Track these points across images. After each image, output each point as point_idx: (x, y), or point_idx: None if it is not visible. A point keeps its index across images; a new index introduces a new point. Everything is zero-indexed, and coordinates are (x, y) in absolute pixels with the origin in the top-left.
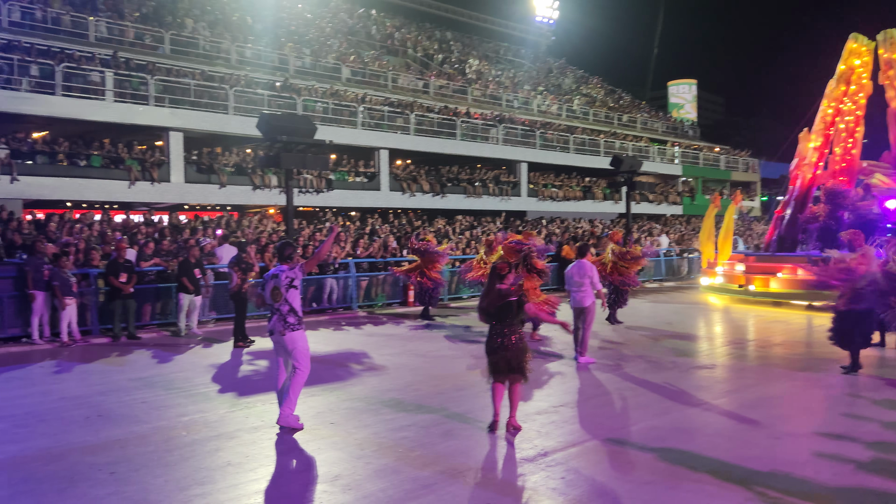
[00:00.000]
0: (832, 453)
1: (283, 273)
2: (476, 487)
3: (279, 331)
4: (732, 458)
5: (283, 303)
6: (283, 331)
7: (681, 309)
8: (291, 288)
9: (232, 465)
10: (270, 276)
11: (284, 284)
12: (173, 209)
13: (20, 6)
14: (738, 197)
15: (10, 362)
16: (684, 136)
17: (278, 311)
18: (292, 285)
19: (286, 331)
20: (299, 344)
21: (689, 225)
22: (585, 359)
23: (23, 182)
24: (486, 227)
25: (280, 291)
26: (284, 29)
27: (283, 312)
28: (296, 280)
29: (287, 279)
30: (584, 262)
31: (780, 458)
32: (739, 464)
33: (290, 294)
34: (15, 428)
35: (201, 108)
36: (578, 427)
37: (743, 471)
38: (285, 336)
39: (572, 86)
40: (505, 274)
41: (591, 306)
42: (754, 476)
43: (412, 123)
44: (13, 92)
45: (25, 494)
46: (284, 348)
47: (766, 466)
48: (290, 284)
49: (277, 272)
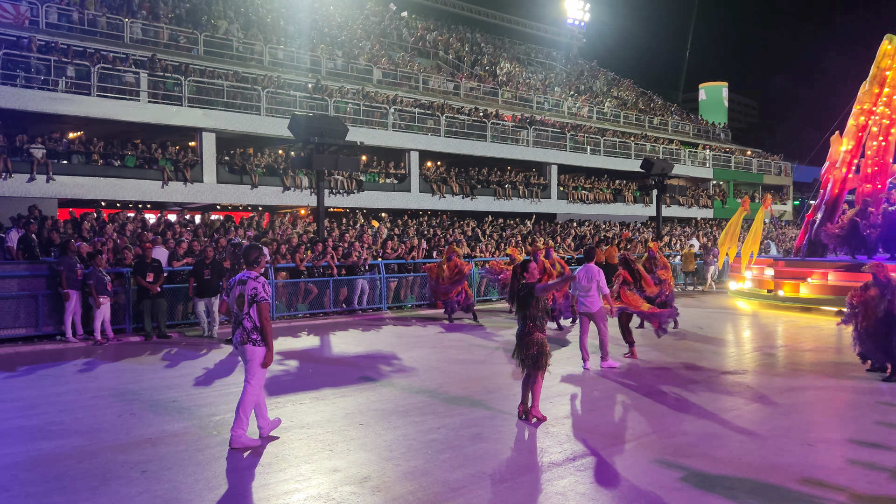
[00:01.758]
0: (867, 461)
1: (250, 282)
2: (506, 491)
3: (240, 341)
4: (765, 464)
5: (246, 317)
6: (243, 342)
7: (710, 313)
8: (254, 303)
9: (262, 465)
10: (237, 281)
11: (249, 296)
12: (206, 209)
13: (57, 8)
14: (767, 200)
15: (44, 360)
16: (716, 139)
17: (241, 326)
18: (255, 300)
19: (247, 343)
20: (258, 356)
21: (720, 228)
22: (608, 363)
23: (58, 181)
24: (516, 228)
25: (244, 301)
26: (317, 31)
27: (247, 328)
28: (259, 294)
29: (252, 291)
30: (592, 266)
31: (814, 465)
32: (772, 471)
33: (253, 309)
34: (49, 425)
35: (234, 109)
36: (608, 431)
37: (776, 477)
38: (246, 346)
39: (603, 88)
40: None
41: (600, 311)
42: (788, 483)
43: (443, 125)
44: (50, 92)
45: (58, 492)
46: (244, 357)
47: (799, 474)
48: (253, 299)
49: (245, 278)
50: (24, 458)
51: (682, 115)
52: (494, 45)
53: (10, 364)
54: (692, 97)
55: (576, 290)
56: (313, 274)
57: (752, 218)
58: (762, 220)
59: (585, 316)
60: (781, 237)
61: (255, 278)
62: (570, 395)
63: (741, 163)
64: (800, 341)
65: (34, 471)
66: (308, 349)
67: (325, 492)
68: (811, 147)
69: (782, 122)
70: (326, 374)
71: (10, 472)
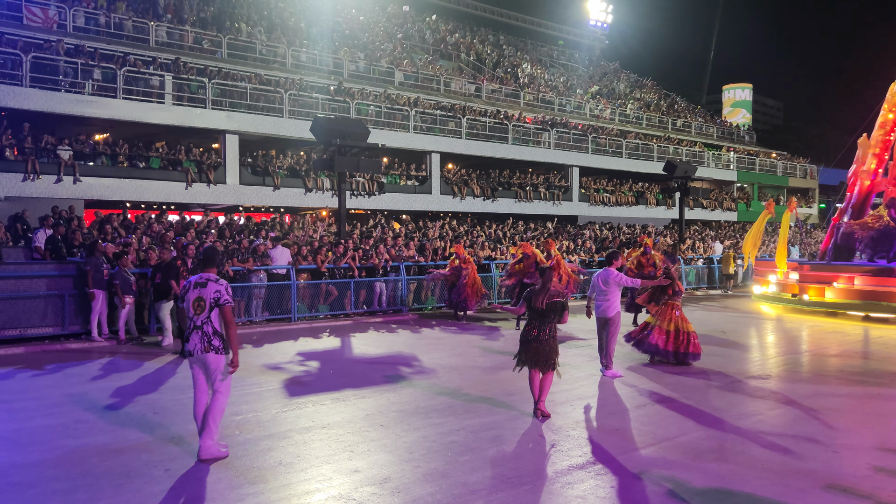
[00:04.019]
0: (893, 469)
1: (210, 284)
2: (525, 494)
3: (201, 349)
4: (789, 470)
5: (206, 321)
6: (205, 350)
7: (733, 317)
8: (217, 307)
9: (283, 464)
10: (194, 283)
11: (210, 300)
12: (229, 210)
13: (85, 12)
14: (792, 203)
15: (70, 359)
16: (740, 141)
17: (200, 330)
18: (218, 304)
19: (210, 351)
20: (223, 364)
21: (744, 231)
22: (612, 372)
23: (85, 183)
24: (538, 231)
25: (204, 305)
26: (339, 33)
27: (207, 333)
28: (223, 297)
29: (214, 294)
30: (611, 270)
31: (839, 472)
32: (796, 477)
33: (214, 314)
34: (75, 423)
35: (257, 112)
36: (629, 435)
37: (800, 483)
38: (208, 355)
39: (626, 90)
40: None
41: (616, 317)
42: (812, 490)
43: (464, 127)
44: (77, 95)
45: (83, 489)
46: (206, 367)
47: (823, 480)
48: (216, 302)
49: (203, 280)
50: (49, 456)
51: (705, 117)
52: (516, 47)
53: (38, 363)
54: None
55: (591, 292)
56: (334, 275)
57: (777, 221)
58: (788, 223)
59: (601, 321)
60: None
61: (215, 280)
62: (590, 399)
63: (766, 165)
64: (825, 346)
65: (59, 468)
66: (329, 350)
67: (345, 492)
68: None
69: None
70: (347, 376)
71: (37, 469)
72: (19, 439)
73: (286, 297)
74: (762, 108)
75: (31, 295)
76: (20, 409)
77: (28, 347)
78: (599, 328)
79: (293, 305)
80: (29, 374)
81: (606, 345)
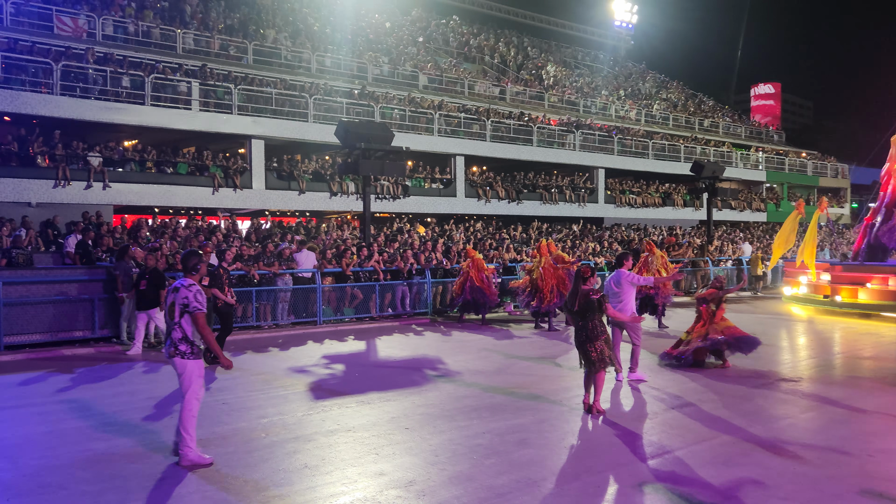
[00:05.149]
0: None
1: (182, 290)
2: (552, 498)
3: (168, 354)
4: (822, 474)
5: (176, 327)
6: (171, 355)
7: (763, 319)
8: (186, 313)
9: (309, 467)
10: (172, 288)
11: (180, 305)
12: (254, 215)
13: (113, 20)
14: (823, 203)
15: (100, 362)
16: (769, 140)
17: (170, 335)
18: (187, 310)
19: (175, 356)
20: (190, 369)
21: (774, 232)
22: (636, 375)
23: (114, 189)
24: (563, 233)
25: (174, 310)
26: (363, 38)
27: (175, 339)
28: (191, 304)
29: (182, 300)
30: (623, 271)
31: (874, 476)
32: (830, 481)
33: (184, 320)
34: (104, 426)
35: (282, 117)
36: (657, 439)
37: (835, 488)
38: (174, 360)
39: (652, 90)
40: (588, 277)
41: (632, 319)
42: (846, 494)
43: (488, 130)
44: (106, 102)
45: (112, 490)
46: (175, 371)
47: (858, 485)
48: (184, 308)
49: (178, 286)
50: (79, 458)
51: (733, 117)
52: (540, 49)
53: (68, 366)
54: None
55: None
56: (359, 279)
57: (808, 221)
58: (817, 223)
59: (616, 325)
60: (838, 241)
61: (187, 286)
62: (616, 401)
63: (795, 165)
64: (858, 348)
65: (89, 470)
66: (354, 353)
67: (370, 495)
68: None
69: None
70: (372, 378)
71: (67, 471)
72: (49, 441)
73: (311, 301)
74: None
75: (62, 299)
76: (50, 412)
77: (59, 351)
78: (615, 333)
79: (318, 309)
80: (60, 377)
81: (632, 348)
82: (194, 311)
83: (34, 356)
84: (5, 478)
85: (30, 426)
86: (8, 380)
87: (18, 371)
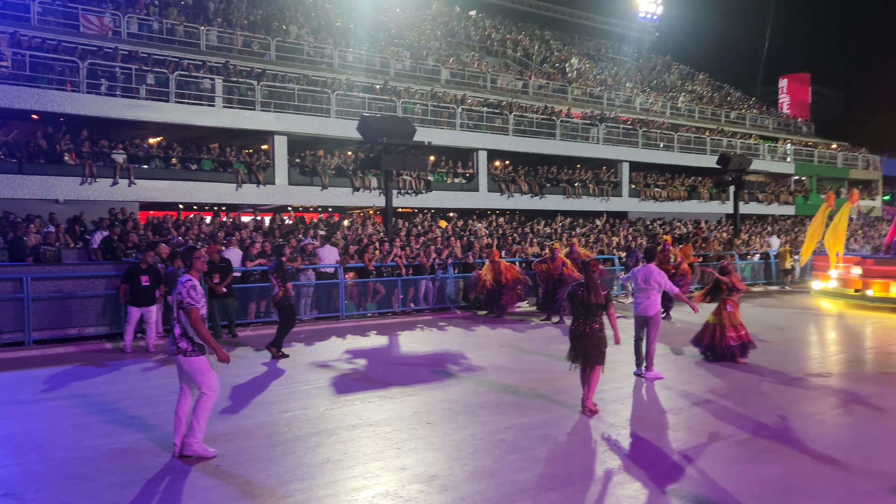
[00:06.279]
0: None
1: (179, 286)
2: (575, 493)
3: (171, 351)
4: (852, 473)
5: (176, 323)
6: (174, 352)
7: (791, 314)
8: (181, 309)
9: (331, 461)
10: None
11: (176, 301)
12: (277, 210)
13: (138, 18)
14: (854, 196)
15: (126, 356)
16: (797, 132)
17: (171, 331)
18: (182, 305)
19: (178, 354)
20: (196, 366)
21: (802, 226)
22: (653, 374)
23: (139, 185)
24: (586, 227)
25: (174, 305)
26: (385, 33)
27: (175, 335)
28: (185, 299)
29: (177, 296)
30: (652, 268)
31: None
32: (860, 478)
33: (182, 316)
34: (129, 419)
35: (304, 112)
36: (683, 435)
37: (865, 486)
38: (178, 357)
39: (677, 83)
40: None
41: (657, 316)
42: (878, 492)
43: (511, 124)
44: (131, 100)
45: (138, 482)
46: (180, 369)
47: (889, 483)
48: (179, 304)
49: (178, 282)
50: (106, 451)
51: (760, 109)
52: (563, 42)
53: (97, 360)
54: (772, 90)
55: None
56: (381, 273)
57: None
58: (847, 216)
59: (640, 320)
60: (869, 234)
61: (184, 282)
62: (640, 397)
63: (825, 157)
64: (890, 343)
65: (116, 462)
66: (376, 348)
67: (392, 490)
68: None
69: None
70: (394, 373)
71: (94, 463)
72: (77, 434)
73: (334, 296)
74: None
75: (90, 294)
76: (79, 405)
77: (87, 346)
78: (638, 327)
79: (341, 304)
80: (88, 371)
81: (647, 345)
82: (187, 306)
83: (62, 350)
84: (34, 469)
85: (58, 419)
86: (37, 374)
87: (48, 365)
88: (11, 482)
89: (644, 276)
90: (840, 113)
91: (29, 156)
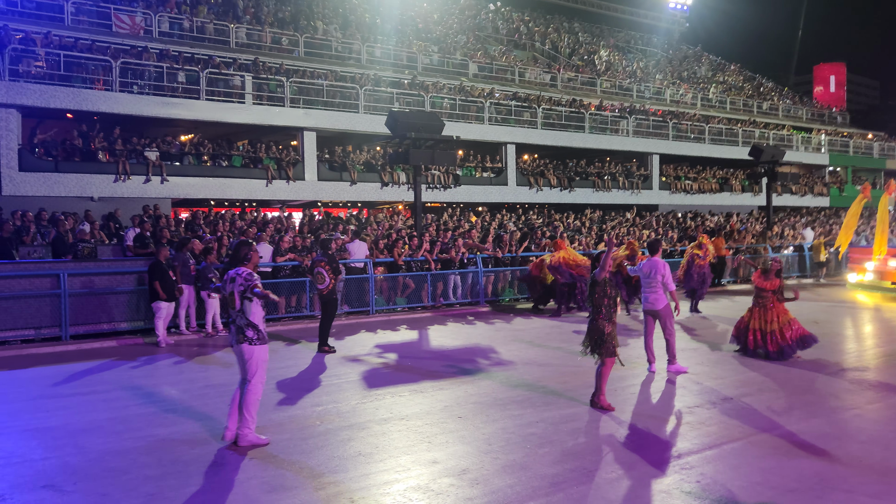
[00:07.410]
0: None
1: (240, 278)
2: (606, 487)
3: (234, 341)
4: (889, 467)
5: (238, 314)
6: (238, 342)
7: (827, 307)
8: (245, 299)
9: (363, 455)
10: (229, 278)
11: (238, 293)
12: (307, 206)
13: (169, 17)
14: (891, 186)
15: (161, 351)
16: (832, 122)
17: (234, 323)
18: (245, 296)
19: (243, 343)
20: (257, 355)
21: (837, 218)
22: (675, 367)
23: (171, 182)
24: (616, 220)
25: (234, 299)
26: (412, 27)
27: (241, 325)
28: (249, 291)
29: (241, 287)
30: (656, 260)
31: None
32: None
33: (245, 306)
34: (164, 413)
35: (333, 108)
36: (716, 429)
37: None
38: (242, 346)
39: (708, 74)
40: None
41: (666, 309)
42: None
43: (539, 117)
44: (163, 98)
45: (174, 475)
46: (241, 358)
47: None
48: (243, 294)
49: (235, 275)
50: (141, 444)
51: (794, 99)
52: (592, 34)
53: (132, 354)
54: (806, 79)
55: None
56: (411, 268)
57: (874, 206)
58: (886, 207)
59: (650, 314)
60: None
61: (246, 275)
62: (672, 392)
63: (861, 147)
64: None
65: (151, 455)
66: (407, 342)
67: (423, 483)
68: None
69: None
70: (425, 367)
71: (130, 456)
72: (113, 427)
73: (364, 290)
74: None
75: (124, 290)
76: (114, 398)
77: (121, 340)
78: (648, 323)
79: (371, 298)
80: (122, 365)
81: (666, 339)
82: (255, 293)
83: (97, 345)
84: (72, 462)
85: (96, 413)
86: (74, 368)
87: (84, 360)
88: (50, 474)
89: (650, 268)
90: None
91: (65, 154)
